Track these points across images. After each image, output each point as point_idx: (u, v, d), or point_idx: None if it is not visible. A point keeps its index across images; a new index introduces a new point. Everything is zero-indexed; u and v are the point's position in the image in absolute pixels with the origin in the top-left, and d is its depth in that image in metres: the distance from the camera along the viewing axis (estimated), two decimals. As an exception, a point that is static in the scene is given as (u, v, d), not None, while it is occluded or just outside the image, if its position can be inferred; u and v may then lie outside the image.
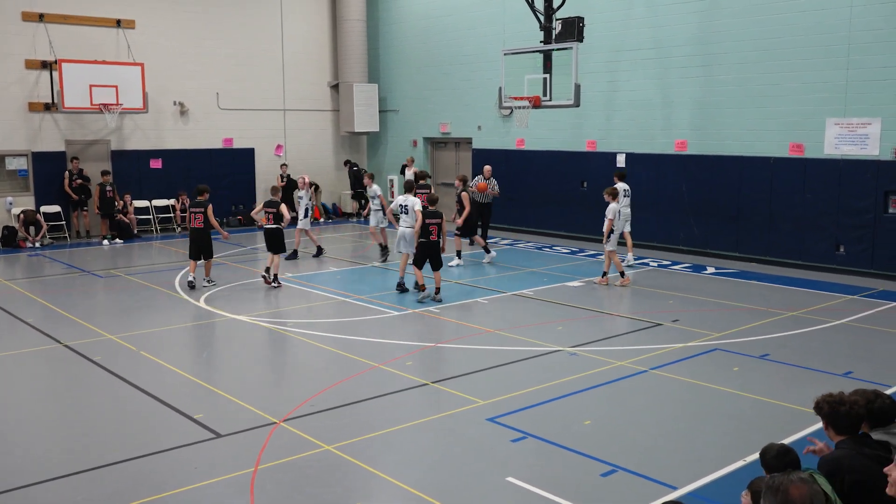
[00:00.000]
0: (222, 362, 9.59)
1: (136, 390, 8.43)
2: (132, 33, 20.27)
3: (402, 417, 7.56)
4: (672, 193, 17.15)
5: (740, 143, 15.92)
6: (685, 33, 16.55)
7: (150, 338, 10.54)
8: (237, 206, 22.31)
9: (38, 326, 11.09)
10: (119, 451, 6.79)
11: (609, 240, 13.68)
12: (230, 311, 11.94)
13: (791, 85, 15.04)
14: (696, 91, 16.50)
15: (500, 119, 20.63)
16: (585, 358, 9.47)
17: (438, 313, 11.73)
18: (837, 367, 9.04)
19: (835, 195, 14.68)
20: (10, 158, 19.10)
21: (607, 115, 18.23)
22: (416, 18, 22.82)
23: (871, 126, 14.09)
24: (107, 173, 19.34)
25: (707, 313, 11.68)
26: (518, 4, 17.16)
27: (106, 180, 19.20)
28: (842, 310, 11.85)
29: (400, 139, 23.97)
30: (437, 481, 6.22)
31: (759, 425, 7.33)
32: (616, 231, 13.78)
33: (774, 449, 4.17)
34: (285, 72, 23.14)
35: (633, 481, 6.19)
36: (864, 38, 14.03)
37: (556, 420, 7.49)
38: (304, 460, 6.57)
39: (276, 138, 23.15)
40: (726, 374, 8.84)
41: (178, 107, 21.24)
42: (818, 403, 4.36)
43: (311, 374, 9.12)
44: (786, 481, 3.12)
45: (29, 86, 19.04)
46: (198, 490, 6.06)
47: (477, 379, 8.73)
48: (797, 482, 3.11)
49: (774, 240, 15.60)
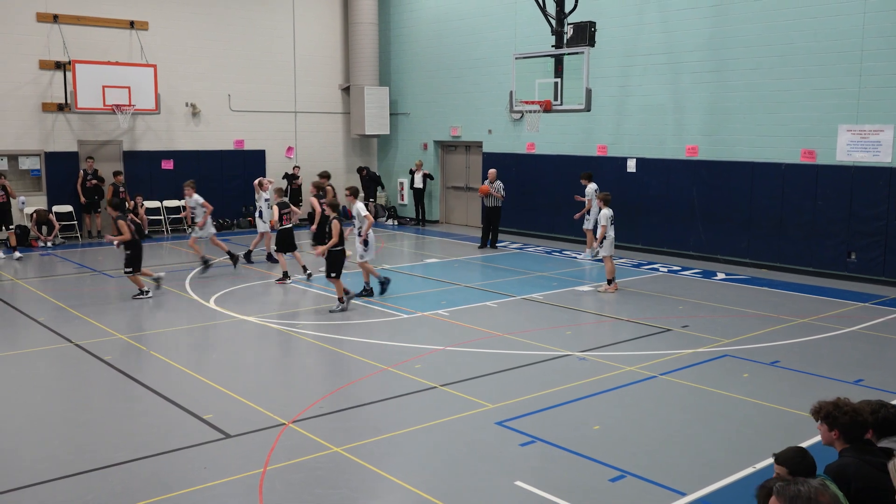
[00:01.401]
0: (232, 363, 9.62)
1: (146, 390, 8.47)
2: (145, 35, 20.39)
3: (411, 420, 7.56)
4: (682, 199, 17.10)
5: (751, 149, 15.87)
6: (697, 38, 16.52)
7: (160, 338, 10.59)
8: (247, 208, 22.36)
9: (50, 325, 11.15)
10: (128, 450, 6.82)
11: (602, 245, 13.65)
12: (240, 312, 11.98)
13: (803, 91, 14.99)
14: (708, 96, 16.46)
15: (511, 123, 20.63)
16: (594, 363, 9.46)
17: (448, 317, 11.73)
18: (848, 375, 8.99)
19: (846, 202, 14.61)
20: (24, 158, 19.23)
21: (618, 120, 18.21)
22: (428, 22, 22.85)
23: (883, 133, 14.02)
24: (119, 174, 19.47)
25: (717, 319, 11.64)
26: (530, 9, 17.17)
27: (119, 181, 19.33)
28: (853, 317, 11.78)
29: (410, 142, 24.00)
30: (444, 484, 6.22)
31: (768, 432, 7.30)
32: (609, 237, 13.72)
33: (793, 452, 4.14)
34: (297, 74, 23.21)
35: (641, 486, 6.17)
36: (877, 45, 13.97)
37: (564, 424, 7.48)
38: (312, 462, 6.58)
39: (287, 140, 23.21)
40: (736, 380, 8.80)
41: (190, 108, 21.33)
42: (825, 411, 4.33)
43: (319, 376, 9.14)
44: (813, 489, 3.09)
45: (43, 86, 19.16)
46: (206, 490, 6.08)
47: (486, 382, 8.73)
48: (821, 489, 3.10)
49: (785, 246, 15.54)
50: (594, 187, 16.80)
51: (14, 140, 18.95)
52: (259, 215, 16.22)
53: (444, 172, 23.59)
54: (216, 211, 21.55)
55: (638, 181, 17.84)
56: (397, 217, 23.77)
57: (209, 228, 15.62)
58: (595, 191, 16.70)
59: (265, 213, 16.08)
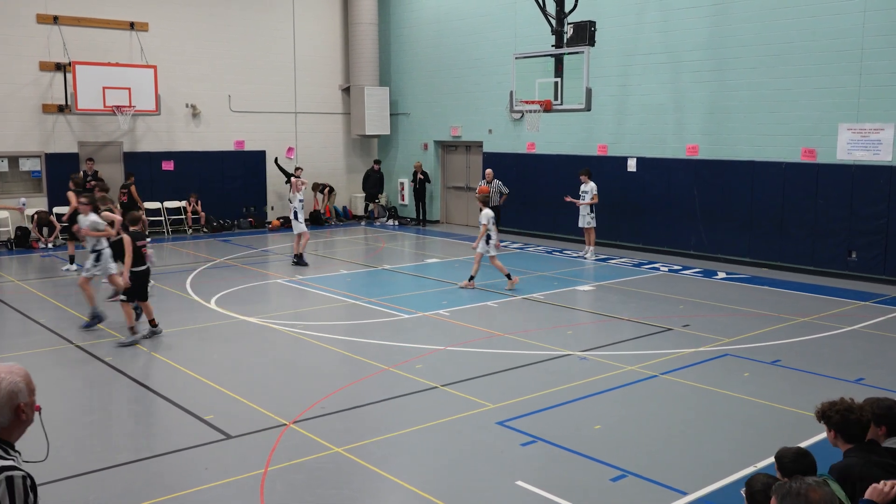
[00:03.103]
0: (233, 364, 9.62)
1: (147, 391, 8.47)
2: (145, 36, 20.39)
3: (412, 420, 7.56)
4: (683, 198, 17.10)
5: (752, 148, 15.87)
6: (697, 38, 16.51)
7: (161, 339, 10.58)
8: (248, 209, 22.39)
9: (51, 327, 11.16)
10: (130, 451, 6.83)
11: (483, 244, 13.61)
12: (241, 312, 11.98)
13: (803, 90, 14.99)
14: (708, 95, 16.46)
15: (511, 123, 20.63)
16: (595, 362, 9.46)
17: (449, 317, 11.73)
18: (849, 374, 8.99)
19: (847, 201, 14.61)
20: (24, 159, 19.24)
21: (618, 120, 18.21)
22: (428, 22, 22.86)
23: (883, 131, 14.02)
24: (131, 175, 19.63)
25: (718, 318, 11.64)
26: (530, 8, 17.18)
27: (132, 181, 19.50)
28: (854, 316, 11.78)
29: (411, 142, 24.01)
30: (446, 484, 6.22)
31: (769, 431, 7.30)
32: (494, 235, 13.69)
33: (792, 452, 4.13)
34: (297, 75, 23.22)
35: (642, 486, 6.17)
36: (877, 44, 13.97)
37: (565, 424, 7.48)
38: (313, 462, 6.58)
39: (288, 141, 23.21)
40: (737, 379, 8.80)
41: (191, 109, 21.34)
42: (825, 412, 4.32)
43: (320, 377, 9.14)
44: (804, 486, 3.11)
45: (43, 87, 19.17)
46: (208, 491, 6.08)
47: (486, 382, 8.73)
48: (814, 485, 3.10)
49: (786, 245, 15.53)
50: (593, 186, 16.79)
51: (14, 141, 18.96)
52: (294, 216, 16.12)
53: (445, 172, 23.59)
54: (216, 211, 21.76)
55: (638, 180, 17.85)
56: (398, 217, 23.78)
57: (107, 263, 11.22)
58: (593, 189, 16.72)
59: (300, 214, 16.10)
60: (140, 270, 10.39)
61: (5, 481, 2.76)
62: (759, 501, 3.77)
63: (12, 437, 2.97)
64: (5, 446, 2.91)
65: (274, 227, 22.37)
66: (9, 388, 2.91)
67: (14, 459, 2.90)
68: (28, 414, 3.01)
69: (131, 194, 19.80)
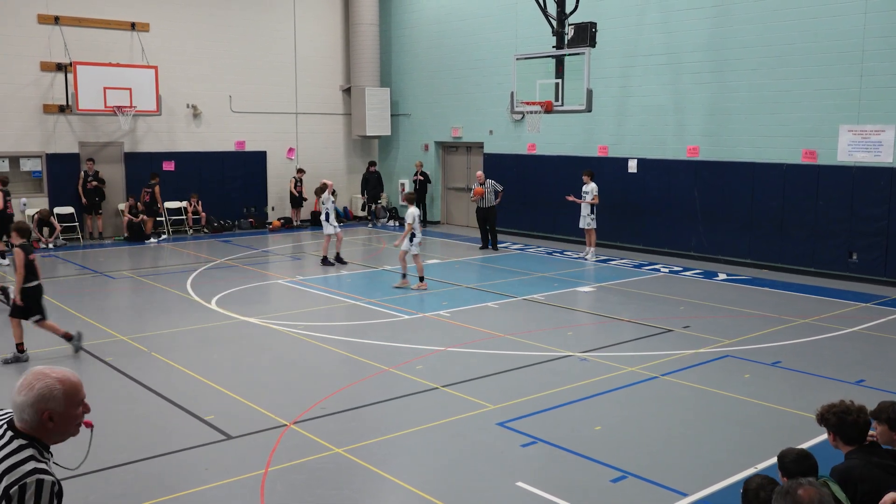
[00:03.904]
0: (233, 364, 9.62)
1: (148, 391, 8.47)
2: (146, 36, 20.40)
3: (412, 421, 7.56)
4: (684, 199, 17.10)
5: (753, 150, 15.87)
6: (698, 39, 16.52)
7: (161, 339, 10.59)
8: (249, 209, 22.39)
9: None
10: (130, 451, 6.83)
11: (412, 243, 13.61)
12: (241, 313, 11.98)
13: (804, 91, 14.99)
14: (709, 97, 16.46)
15: (512, 124, 20.64)
16: (596, 363, 9.46)
17: (449, 317, 11.73)
18: (850, 375, 8.99)
19: (848, 202, 14.61)
20: (25, 160, 19.24)
21: (619, 121, 18.22)
22: (429, 23, 22.87)
23: (884, 133, 14.02)
24: (156, 175, 19.98)
25: (718, 320, 11.63)
26: (531, 10, 17.19)
27: (157, 181, 19.78)
28: (854, 317, 11.78)
29: (411, 143, 24.01)
30: (446, 485, 6.22)
31: (770, 432, 7.30)
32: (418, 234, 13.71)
33: (794, 453, 4.12)
34: (298, 75, 23.23)
35: (642, 487, 6.17)
36: (877, 45, 13.97)
37: (566, 425, 7.48)
38: (314, 463, 6.58)
39: (288, 142, 23.23)
40: (737, 380, 8.80)
41: (191, 109, 21.35)
42: (823, 415, 4.32)
43: (321, 377, 9.14)
44: (794, 485, 3.12)
45: (44, 88, 19.18)
46: (208, 491, 6.08)
47: (487, 383, 8.73)
48: (806, 485, 3.11)
49: (787, 247, 15.53)
50: (594, 187, 16.79)
51: (15, 141, 18.97)
52: (326, 218, 16.03)
53: (445, 173, 23.60)
54: (217, 212, 21.77)
55: (639, 182, 17.85)
56: (398, 218, 23.77)
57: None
58: (594, 190, 16.72)
59: (332, 215, 16.04)
60: (32, 286, 9.58)
61: (35, 483, 2.75)
62: (750, 500, 3.78)
63: (48, 440, 2.93)
64: (40, 447, 2.88)
65: (274, 227, 22.38)
66: (41, 392, 2.85)
67: (46, 463, 2.88)
68: (60, 424, 2.94)
69: (154, 194, 19.93)
